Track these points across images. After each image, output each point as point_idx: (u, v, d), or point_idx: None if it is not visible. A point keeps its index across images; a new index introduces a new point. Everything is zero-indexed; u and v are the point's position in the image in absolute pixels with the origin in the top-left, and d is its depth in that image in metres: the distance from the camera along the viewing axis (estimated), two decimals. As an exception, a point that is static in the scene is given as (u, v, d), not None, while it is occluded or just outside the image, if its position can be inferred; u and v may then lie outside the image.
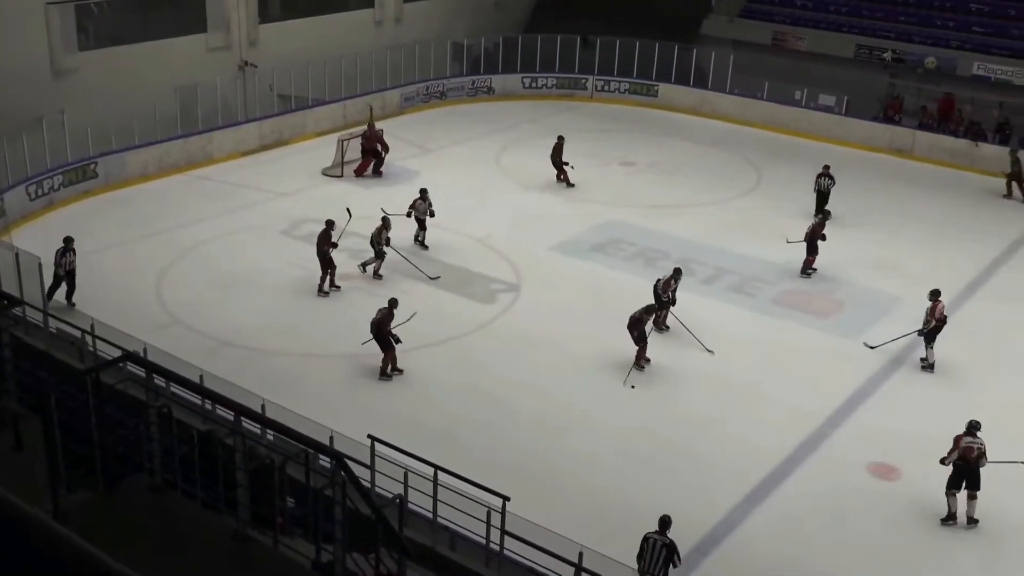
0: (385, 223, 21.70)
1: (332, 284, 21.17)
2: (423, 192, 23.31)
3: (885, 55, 34.80)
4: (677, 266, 20.29)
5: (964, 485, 14.60)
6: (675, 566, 12.10)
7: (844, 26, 35.99)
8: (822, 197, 25.69)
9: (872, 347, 19.33)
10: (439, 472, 11.55)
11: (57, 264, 19.53)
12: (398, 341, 17.84)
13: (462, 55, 37.16)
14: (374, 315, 17.99)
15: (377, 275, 21.71)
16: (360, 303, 20.71)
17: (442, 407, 17.23)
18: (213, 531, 8.25)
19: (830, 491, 15.45)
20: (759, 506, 14.93)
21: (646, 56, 36.04)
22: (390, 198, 25.35)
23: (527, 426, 16.74)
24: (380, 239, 21.52)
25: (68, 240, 19.88)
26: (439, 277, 21.67)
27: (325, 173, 28.10)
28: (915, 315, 21.00)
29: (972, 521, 14.68)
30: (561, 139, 27.56)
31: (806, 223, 23.34)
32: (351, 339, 19.21)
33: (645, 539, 12.18)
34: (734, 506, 14.82)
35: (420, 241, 23.30)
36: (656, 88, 36.54)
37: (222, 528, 8.24)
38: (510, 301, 21.16)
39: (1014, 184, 28.49)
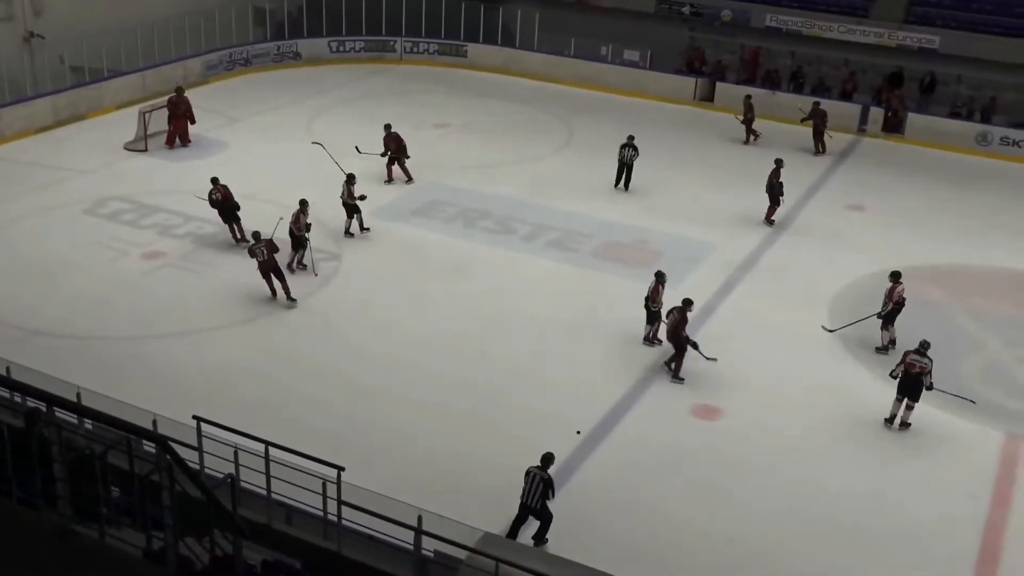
0: (303, 206, 20.18)
1: (300, 263, 20.28)
2: (350, 177, 21.96)
3: (684, 10, 35.84)
4: (659, 270, 18.64)
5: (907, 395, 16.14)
6: (549, 498, 13.05)
7: (644, -18, 36.84)
8: (626, 168, 25.45)
9: (830, 331, 18.87)
10: (270, 447, 11.33)
11: None
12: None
13: (265, 20, 36.11)
14: (258, 258, 18.89)
15: (300, 265, 20.30)
16: (175, 281, 20.05)
17: (272, 381, 16.86)
18: (34, 529, 7.86)
19: (658, 435, 15.97)
20: (591, 455, 15.29)
21: (453, 16, 35.96)
22: (199, 171, 24.50)
23: (360, 394, 16.59)
24: (299, 225, 19.99)
25: None
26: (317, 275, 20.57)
27: (128, 147, 26.88)
28: (728, 260, 21.96)
29: (904, 425, 16.22)
30: (389, 128, 25.46)
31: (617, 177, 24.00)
32: (169, 319, 18.61)
33: (527, 472, 13.07)
34: (567, 457, 15.11)
35: (349, 230, 22.15)
36: (465, 48, 36.56)
37: (44, 525, 7.85)
38: (333, 270, 20.86)
39: (755, 130, 29.91)
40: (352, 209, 21.95)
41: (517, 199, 24.67)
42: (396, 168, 25.40)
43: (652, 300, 18.23)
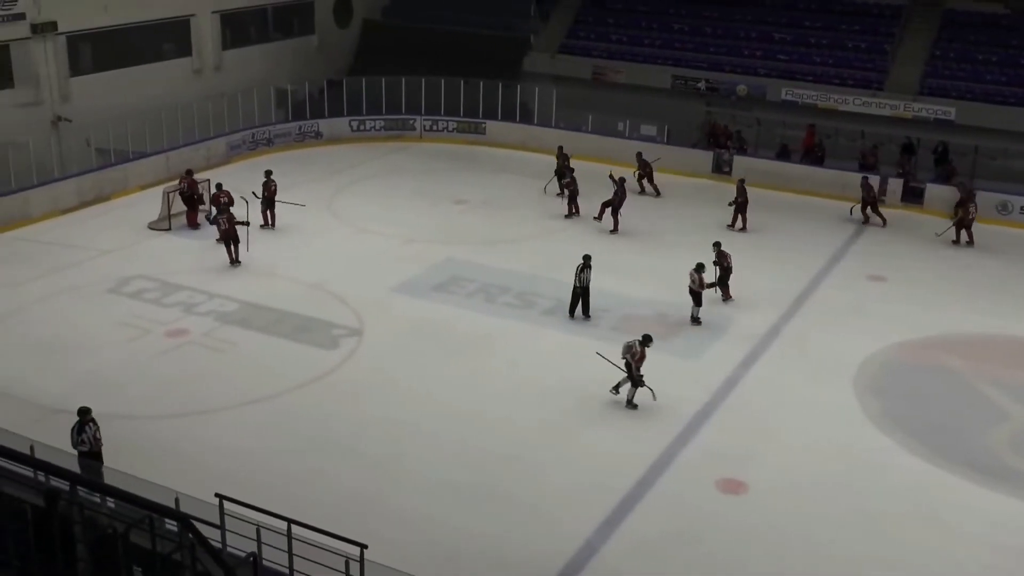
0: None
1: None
2: (699, 266, 22.30)
3: (699, 85, 36.27)
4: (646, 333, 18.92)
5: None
6: None
7: (659, 59, 37.35)
8: (583, 293, 22.24)
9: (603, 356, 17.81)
10: (292, 525, 11.24)
11: None
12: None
13: (287, 101, 36.71)
14: (220, 227, 23.94)
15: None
16: (198, 359, 20.11)
17: (295, 457, 16.76)
18: (54, 610, 7.79)
19: (683, 511, 15.74)
20: (616, 531, 15.08)
21: (472, 94, 36.47)
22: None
23: (383, 470, 16.48)
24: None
25: None
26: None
27: (151, 227, 27.20)
28: (748, 332, 21.83)
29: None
30: (269, 174, 27.20)
31: (635, 249, 24.00)
32: (192, 397, 18.60)
33: None
34: (592, 533, 14.92)
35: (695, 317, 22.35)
36: (483, 126, 36.98)
37: (64, 606, 7.79)
38: (354, 345, 20.87)
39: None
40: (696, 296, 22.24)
41: (536, 273, 24.70)
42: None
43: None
